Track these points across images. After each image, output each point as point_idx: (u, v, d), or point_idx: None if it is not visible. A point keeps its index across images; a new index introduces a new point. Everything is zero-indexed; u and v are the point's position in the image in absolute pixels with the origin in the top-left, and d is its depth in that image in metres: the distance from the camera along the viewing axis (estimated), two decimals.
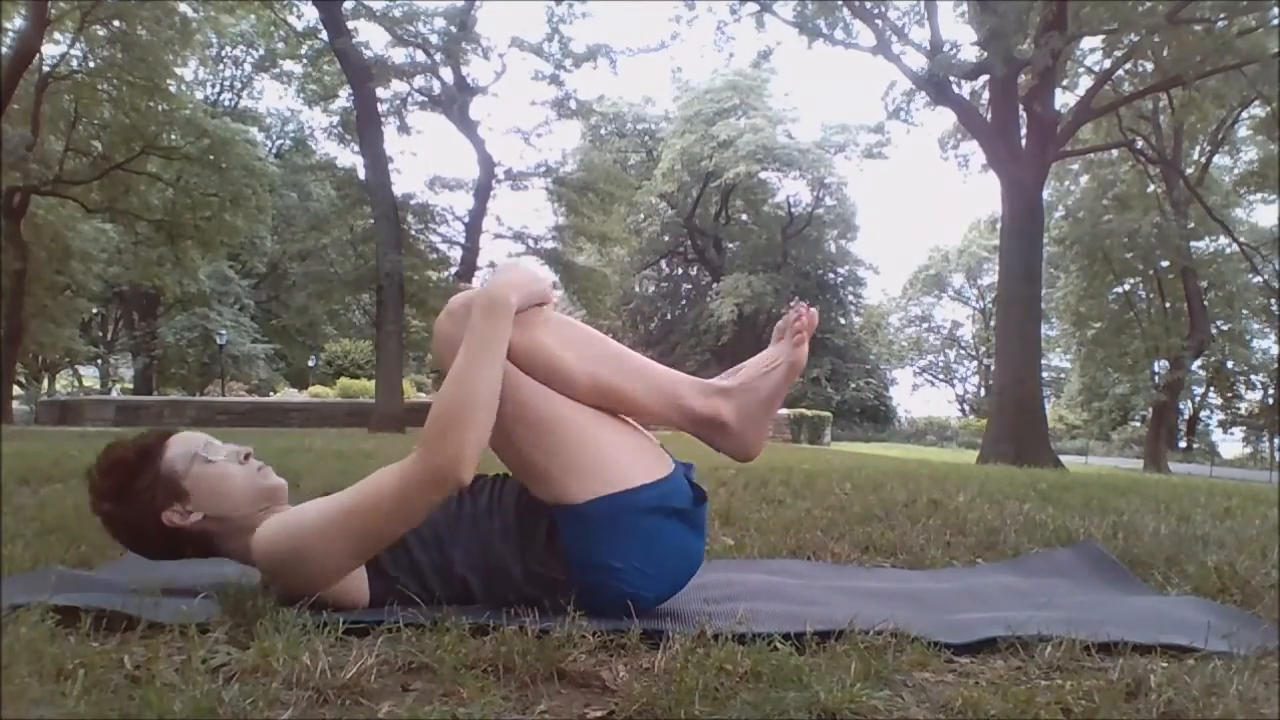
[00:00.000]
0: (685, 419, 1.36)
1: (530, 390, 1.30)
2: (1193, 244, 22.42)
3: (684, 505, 1.32)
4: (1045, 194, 16.69)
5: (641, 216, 33.12)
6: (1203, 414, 35.03)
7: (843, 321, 36.05)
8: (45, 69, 16.52)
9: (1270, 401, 29.97)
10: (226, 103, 27.80)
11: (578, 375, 1.32)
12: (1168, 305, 24.02)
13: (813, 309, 1.39)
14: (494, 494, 1.39)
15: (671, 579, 1.33)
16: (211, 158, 18.38)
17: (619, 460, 1.30)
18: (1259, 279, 23.10)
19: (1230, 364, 30.17)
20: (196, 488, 1.37)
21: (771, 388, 1.36)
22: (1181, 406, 30.54)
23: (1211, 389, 33.31)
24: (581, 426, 1.30)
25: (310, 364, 32.68)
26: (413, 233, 18.65)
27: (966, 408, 45.14)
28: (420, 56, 17.83)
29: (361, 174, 17.97)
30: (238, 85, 29.10)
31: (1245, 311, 26.40)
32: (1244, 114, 19.87)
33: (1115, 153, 21.26)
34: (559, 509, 1.29)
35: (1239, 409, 34.15)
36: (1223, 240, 23.39)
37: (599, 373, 1.33)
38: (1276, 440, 29.21)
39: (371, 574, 1.32)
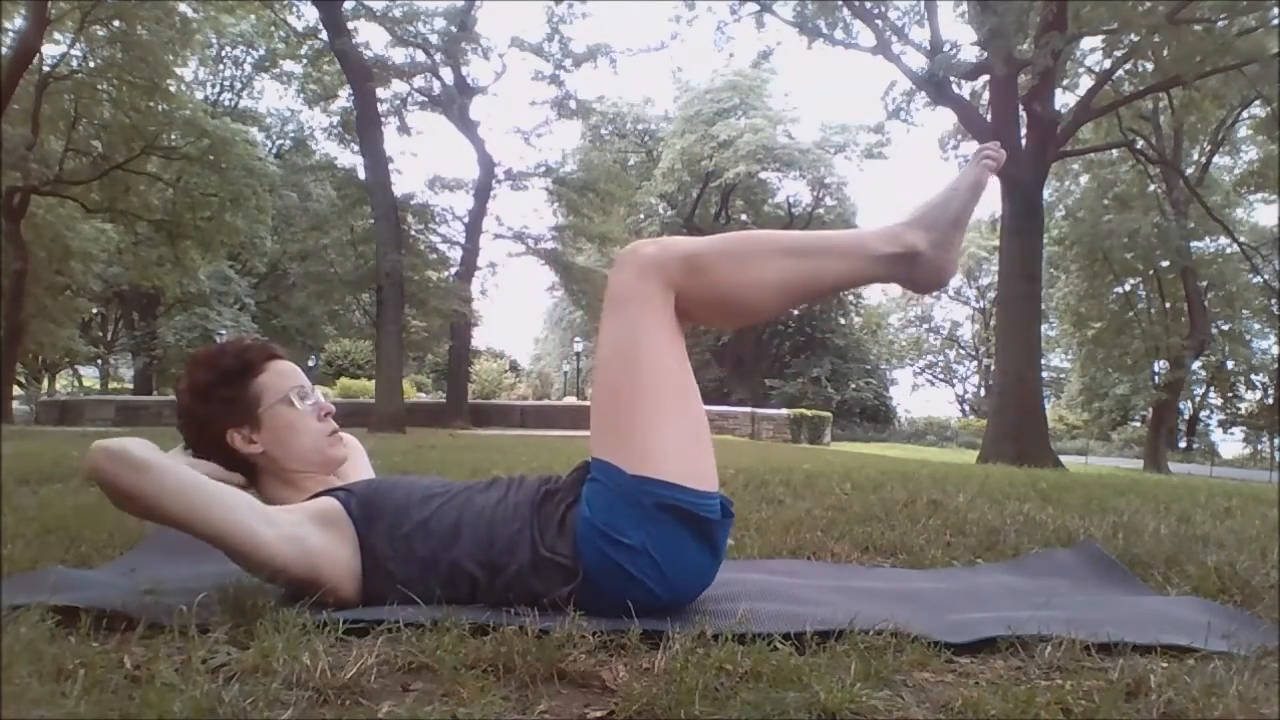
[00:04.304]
0: (879, 265, 1.36)
1: (656, 353, 1.31)
2: (1193, 244, 22.42)
3: (710, 517, 1.32)
4: (1045, 194, 16.70)
5: (641, 216, 33.11)
6: (1203, 414, 35.08)
7: (843, 321, 36.06)
8: (45, 69, 16.53)
9: (1270, 401, 29.98)
10: (226, 103, 27.78)
11: (767, 289, 1.34)
12: (1168, 305, 24.04)
13: (1004, 150, 1.39)
14: (509, 488, 1.41)
15: (676, 585, 1.33)
16: (211, 158, 18.39)
17: (682, 457, 1.31)
18: (1259, 279, 23.12)
19: (1230, 364, 30.19)
20: (269, 424, 1.43)
21: (958, 208, 1.37)
22: (1181, 406, 30.56)
23: (1211, 389, 33.33)
24: (673, 410, 1.32)
25: (310, 364, 32.67)
26: (413, 233, 18.67)
27: (966, 408, 45.15)
28: (420, 56, 17.85)
29: (361, 174, 17.98)
30: (238, 85, 29.09)
31: (1245, 311, 26.42)
32: (1244, 114, 19.89)
33: (1115, 153, 21.27)
34: (604, 467, 1.30)
35: (1239, 409, 34.17)
36: (1223, 240, 23.40)
37: (785, 274, 1.34)
38: (1276, 440, 29.22)
39: (368, 568, 1.32)
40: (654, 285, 1.31)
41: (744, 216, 35.45)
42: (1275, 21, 13.36)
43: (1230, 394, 33.71)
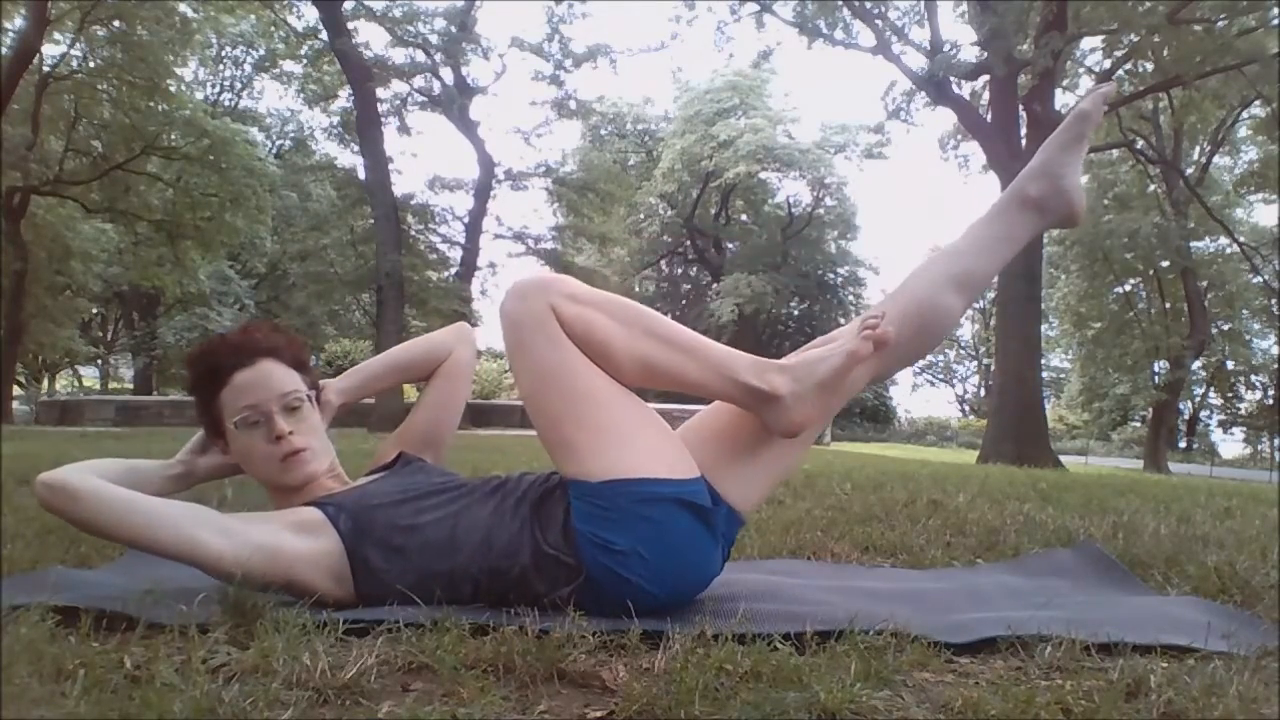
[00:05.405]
0: (739, 392, 1.35)
1: (575, 364, 1.32)
2: (1193, 244, 22.42)
3: (696, 503, 1.31)
4: None
5: (641, 217, 33.10)
6: (1203, 414, 35.09)
7: (842, 321, 36.05)
8: (45, 69, 16.53)
9: (1270, 401, 30.00)
10: (226, 103, 27.78)
11: (628, 353, 1.33)
12: (1168, 305, 24.04)
13: (890, 330, 1.37)
14: (506, 489, 1.40)
15: (676, 577, 1.32)
16: (211, 158, 18.38)
17: (644, 451, 1.31)
18: (1259, 279, 23.11)
19: (1230, 364, 30.20)
20: (231, 442, 1.47)
21: (828, 371, 1.35)
22: (1181, 406, 30.56)
23: (1211, 389, 33.33)
24: (617, 411, 1.33)
25: (310, 364, 32.60)
26: (413, 233, 18.68)
27: (966, 408, 45.16)
28: (420, 57, 17.87)
29: (361, 174, 18.01)
30: (238, 85, 29.10)
31: (1245, 311, 26.43)
32: (1244, 114, 19.88)
33: (1115, 153, 21.27)
34: (576, 484, 1.30)
35: (1239, 409, 34.17)
36: (1223, 240, 23.41)
37: (649, 351, 1.34)
38: (1276, 440, 29.21)
39: (362, 578, 1.31)
40: (542, 307, 1.32)
41: (744, 217, 35.46)
42: (1275, 21, 13.37)
43: (1230, 394, 33.72)
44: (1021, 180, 1.51)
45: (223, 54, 27.36)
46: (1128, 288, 24.86)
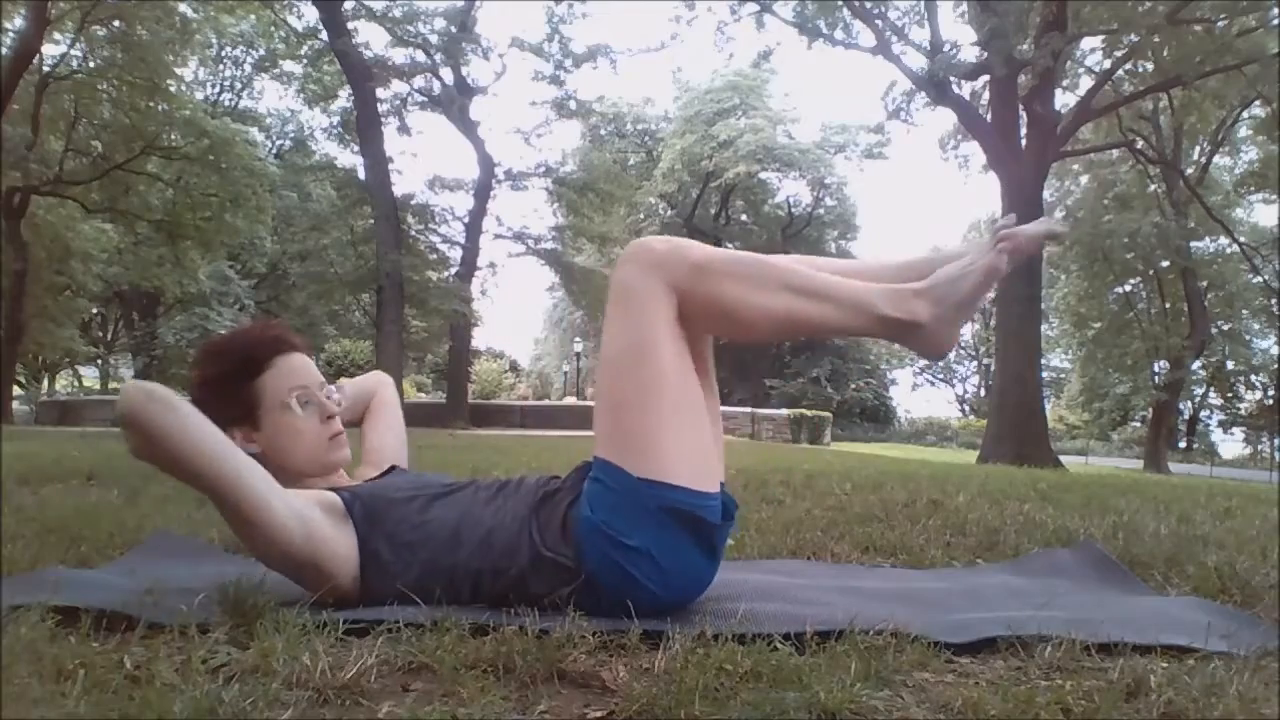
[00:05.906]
0: (880, 326, 1.35)
1: (661, 351, 1.30)
2: (1193, 244, 22.42)
3: (710, 521, 1.31)
4: (1045, 194, 16.71)
5: (641, 217, 33.11)
6: (1203, 414, 35.08)
7: None
8: (45, 69, 16.54)
9: (1270, 401, 30.00)
10: (226, 103, 27.79)
11: (766, 313, 1.32)
12: (1168, 305, 24.04)
13: (1023, 237, 1.35)
14: (508, 490, 1.41)
15: (676, 586, 1.33)
16: (211, 158, 18.39)
17: (687, 457, 1.30)
18: (1259, 279, 23.11)
19: (1230, 364, 30.20)
20: (267, 426, 1.42)
21: (968, 290, 1.34)
22: (1181, 406, 30.55)
23: (1211, 389, 33.33)
24: (680, 410, 1.30)
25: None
26: (413, 233, 18.68)
27: (966, 408, 45.16)
28: (420, 57, 17.88)
29: (361, 174, 18.00)
30: (238, 85, 29.10)
31: (1245, 311, 26.42)
32: (1244, 114, 19.87)
33: (1115, 153, 21.26)
34: (610, 468, 1.29)
35: (1239, 409, 34.17)
36: (1223, 240, 23.40)
37: (788, 306, 1.32)
38: (1276, 440, 29.21)
39: (370, 570, 1.32)
40: (659, 284, 1.29)
41: (744, 217, 35.48)
42: (1275, 21, 13.37)
43: (1230, 394, 33.73)
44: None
45: (223, 54, 27.35)
46: (1128, 288, 24.86)
